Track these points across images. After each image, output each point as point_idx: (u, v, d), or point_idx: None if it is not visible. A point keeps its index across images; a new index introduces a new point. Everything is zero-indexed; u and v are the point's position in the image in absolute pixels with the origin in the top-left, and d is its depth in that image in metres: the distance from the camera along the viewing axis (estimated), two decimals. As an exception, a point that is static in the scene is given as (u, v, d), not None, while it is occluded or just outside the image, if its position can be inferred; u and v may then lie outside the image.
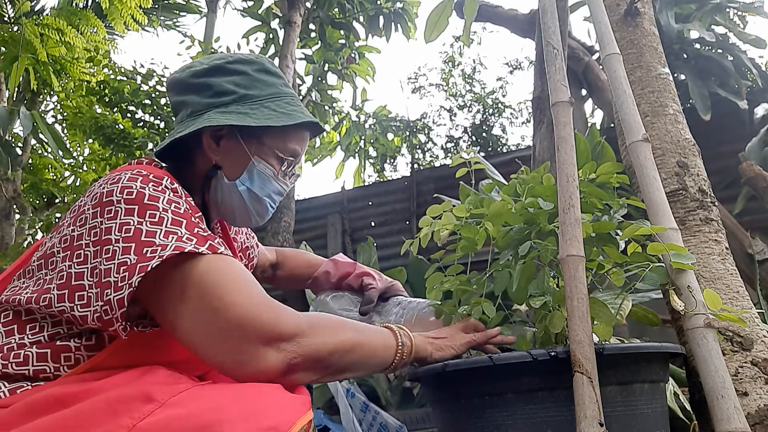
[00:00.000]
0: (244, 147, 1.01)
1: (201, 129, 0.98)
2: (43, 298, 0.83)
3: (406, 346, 0.96)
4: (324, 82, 5.73)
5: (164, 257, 0.78)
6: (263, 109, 1.00)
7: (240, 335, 0.78)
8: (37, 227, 4.87)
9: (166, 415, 0.69)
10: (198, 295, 0.80)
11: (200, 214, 0.91)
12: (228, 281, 0.81)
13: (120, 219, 0.81)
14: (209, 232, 0.87)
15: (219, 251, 0.83)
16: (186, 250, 0.79)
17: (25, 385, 0.81)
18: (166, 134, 5.00)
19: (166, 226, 0.82)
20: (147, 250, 0.78)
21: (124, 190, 0.84)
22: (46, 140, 3.75)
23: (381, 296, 1.30)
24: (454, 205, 1.18)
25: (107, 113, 5.22)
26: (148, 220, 0.81)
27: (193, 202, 0.91)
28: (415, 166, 7.01)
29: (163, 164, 1.02)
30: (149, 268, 0.77)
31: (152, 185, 0.86)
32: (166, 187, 0.87)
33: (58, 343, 0.83)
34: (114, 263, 0.79)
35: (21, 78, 4.86)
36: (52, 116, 5.98)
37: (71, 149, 5.81)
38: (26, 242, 4.96)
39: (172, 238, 0.80)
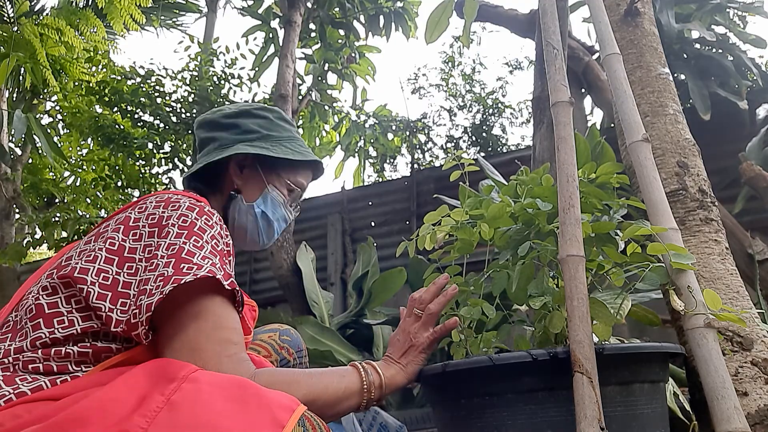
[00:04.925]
0: (262, 176, 1.19)
1: (229, 158, 1.16)
2: (80, 288, 0.88)
3: (374, 385, 0.99)
4: (324, 81, 5.73)
5: (198, 276, 0.86)
6: (282, 147, 1.20)
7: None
8: (36, 225, 4.86)
9: (166, 410, 0.72)
10: (202, 324, 0.88)
11: (232, 252, 1.03)
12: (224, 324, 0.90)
13: (170, 240, 0.92)
14: (232, 274, 0.97)
15: (235, 288, 0.93)
16: (217, 276, 0.89)
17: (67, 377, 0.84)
18: (165, 134, 5.01)
19: (205, 252, 0.93)
20: (184, 266, 0.88)
21: (181, 218, 0.96)
22: (40, 143, 3.73)
23: None
24: (452, 207, 1.18)
25: (107, 113, 5.21)
26: (192, 242, 0.92)
27: (230, 242, 1.03)
28: (415, 166, 7.01)
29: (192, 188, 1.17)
30: (183, 281, 0.85)
31: (205, 218, 0.98)
32: (215, 222, 1.00)
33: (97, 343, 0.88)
34: (154, 274, 0.88)
35: (21, 78, 4.86)
36: (50, 116, 5.97)
37: (71, 149, 5.81)
38: (26, 241, 4.94)
39: (208, 262, 0.90)
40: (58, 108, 5.76)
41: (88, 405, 0.73)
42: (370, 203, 5.17)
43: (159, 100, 5.02)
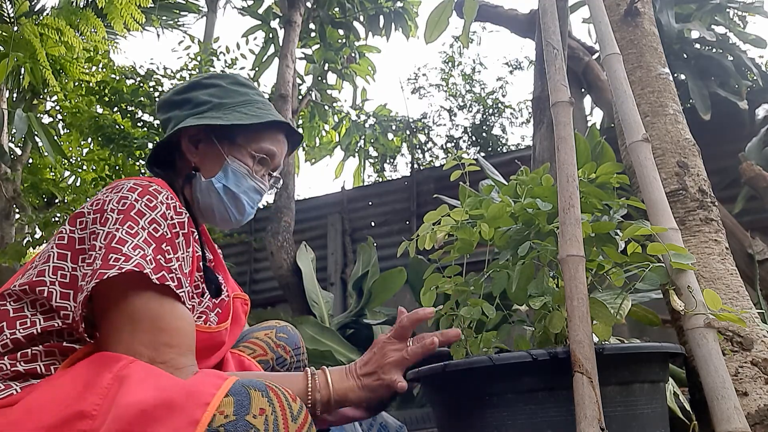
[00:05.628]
0: (219, 148, 1.10)
1: (180, 135, 1.09)
2: (39, 291, 0.87)
3: (320, 402, 0.95)
4: (324, 81, 5.73)
5: (123, 270, 0.82)
6: (235, 113, 1.09)
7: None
8: (36, 225, 4.86)
9: (117, 384, 0.76)
10: (137, 326, 0.85)
11: (185, 231, 0.96)
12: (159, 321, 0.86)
13: (107, 227, 0.88)
14: (174, 263, 0.91)
15: (165, 283, 0.87)
16: (144, 271, 0.84)
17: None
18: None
19: (138, 241, 0.87)
20: (111, 257, 0.84)
21: (120, 201, 0.91)
22: (41, 143, 3.74)
23: None
24: (452, 207, 1.18)
25: (107, 113, 5.21)
26: (126, 228, 0.88)
27: (185, 221, 0.97)
28: (415, 166, 7.00)
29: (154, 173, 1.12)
30: (105, 276, 0.82)
31: (147, 198, 0.92)
32: (160, 203, 0.93)
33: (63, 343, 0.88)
34: (91, 268, 0.85)
35: (21, 78, 4.86)
36: (50, 116, 5.96)
37: (71, 149, 5.81)
38: (26, 241, 4.95)
39: (138, 253, 0.85)
40: (58, 108, 5.75)
41: (34, 398, 0.77)
42: (370, 203, 5.17)
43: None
